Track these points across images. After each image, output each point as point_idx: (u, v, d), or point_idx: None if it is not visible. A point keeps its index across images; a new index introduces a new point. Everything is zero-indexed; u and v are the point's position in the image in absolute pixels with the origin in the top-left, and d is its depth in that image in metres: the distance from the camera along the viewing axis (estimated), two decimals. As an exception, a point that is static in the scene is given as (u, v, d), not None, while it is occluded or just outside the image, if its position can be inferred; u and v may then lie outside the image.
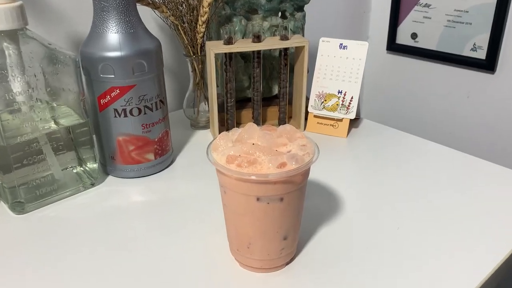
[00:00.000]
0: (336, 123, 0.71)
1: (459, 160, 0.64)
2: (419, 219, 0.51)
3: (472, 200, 0.54)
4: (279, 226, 0.41)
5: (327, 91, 0.71)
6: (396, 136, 0.71)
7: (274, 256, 0.43)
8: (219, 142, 0.42)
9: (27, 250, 0.47)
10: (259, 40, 0.66)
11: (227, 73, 0.67)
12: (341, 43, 0.71)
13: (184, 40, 0.68)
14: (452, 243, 0.47)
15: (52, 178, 0.55)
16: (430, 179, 0.59)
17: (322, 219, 0.51)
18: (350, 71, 0.70)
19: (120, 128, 0.57)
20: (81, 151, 0.57)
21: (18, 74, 0.49)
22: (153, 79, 0.56)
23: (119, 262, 0.45)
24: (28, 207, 0.53)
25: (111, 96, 0.55)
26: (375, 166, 0.63)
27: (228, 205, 0.42)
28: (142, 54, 0.54)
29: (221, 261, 0.45)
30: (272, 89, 0.77)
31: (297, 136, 0.43)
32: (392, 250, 0.46)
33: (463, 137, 1.10)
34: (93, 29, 0.54)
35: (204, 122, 0.74)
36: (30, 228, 0.51)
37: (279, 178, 0.38)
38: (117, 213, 0.53)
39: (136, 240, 0.48)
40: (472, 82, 1.06)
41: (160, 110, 0.59)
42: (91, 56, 0.53)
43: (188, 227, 0.50)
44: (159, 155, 0.60)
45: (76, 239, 0.49)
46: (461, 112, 1.10)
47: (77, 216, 0.53)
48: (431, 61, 1.12)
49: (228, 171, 0.38)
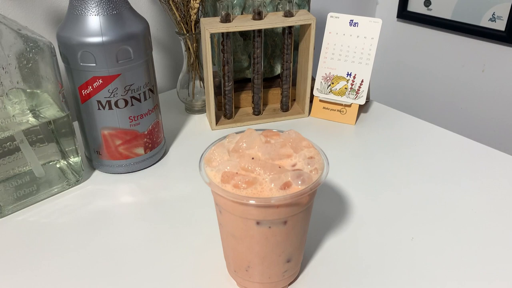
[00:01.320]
0: (344, 108, 0.65)
1: (476, 151, 0.58)
2: (436, 227, 0.46)
3: (494, 199, 0.49)
4: (282, 250, 0.36)
5: (335, 73, 0.65)
6: (408, 123, 0.65)
7: (275, 279, 0.38)
8: (214, 153, 0.36)
9: (5, 259, 0.42)
10: (260, 17, 0.59)
11: (225, 54, 0.61)
12: (352, 19, 0.63)
13: (176, 16, 0.61)
14: (474, 256, 0.42)
15: (31, 177, 0.49)
16: (446, 176, 0.54)
17: (329, 227, 0.46)
18: (361, 51, 0.63)
19: (104, 121, 0.51)
20: (63, 143, 0.51)
21: (-16, 65, 0.43)
22: (141, 66, 0.50)
23: (105, 276, 0.41)
24: (7, 211, 0.48)
25: (93, 87, 0.49)
26: (387, 159, 0.57)
27: (224, 225, 0.37)
28: (127, 39, 0.48)
29: (216, 281, 0.40)
30: (274, 69, 0.70)
31: (303, 145, 0.37)
32: (406, 265, 0.41)
33: (476, 113, 1.04)
34: (70, 11, 0.47)
35: (200, 106, 0.68)
36: (6, 235, 0.46)
37: (282, 202, 0.32)
38: (103, 218, 0.48)
39: (122, 251, 0.44)
40: (488, 55, 0.98)
41: (149, 100, 0.52)
42: (69, 41, 0.47)
43: (180, 237, 0.45)
44: (149, 149, 0.55)
45: (56, 248, 0.44)
46: (475, 87, 1.03)
47: (59, 221, 0.48)
48: (445, 31, 1.04)
49: (224, 193, 0.33)
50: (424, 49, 1.09)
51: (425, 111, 1.14)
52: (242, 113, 0.67)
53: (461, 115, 1.06)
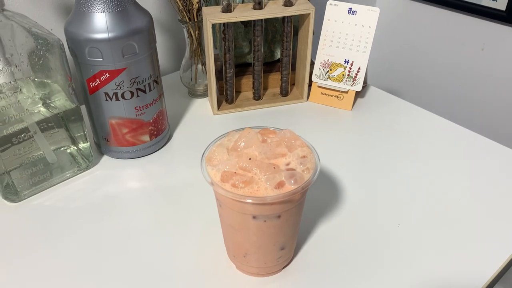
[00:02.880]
0: (341, 94, 0.67)
1: (469, 139, 0.61)
2: (424, 214, 0.50)
3: (486, 190, 0.52)
4: (276, 240, 0.40)
5: (333, 60, 0.67)
6: (403, 110, 0.68)
7: (270, 264, 0.42)
8: (214, 152, 0.39)
9: (22, 239, 0.47)
10: (260, 6, 0.61)
11: (226, 42, 0.63)
12: (350, 7, 0.65)
13: (179, 5, 0.62)
14: (458, 238, 0.46)
15: (45, 163, 0.53)
16: (439, 162, 0.57)
17: (321, 213, 0.50)
18: (358, 39, 0.65)
19: (112, 111, 0.54)
20: (72, 129, 0.55)
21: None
22: (145, 60, 0.52)
23: (113, 255, 0.45)
24: (23, 195, 0.52)
25: (101, 80, 0.51)
26: (380, 145, 0.60)
27: (223, 217, 0.40)
28: (132, 35, 0.50)
29: (218, 263, 0.45)
30: (274, 54, 0.72)
31: (297, 144, 0.40)
32: (392, 249, 0.45)
33: (474, 90, 1.06)
34: (77, 7, 0.49)
35: (202, 90, 0.71)
36: (24, 217, 0.50)
37: (276, 200, 0.36)
38: (112, 203, 0.52)
39: (129, 232, 0.48)
40: (488, 34, 0.99)
41: (154, 90, 0.55)
42: (76, 37, 0.49)
43: (184, 221, 0.49)
44: (154, 135, 0.58)
45: (70, 229, 0.48)
46: (473, 65, 1.04)
47: (72, 205, 0.52)
48: (445, 9, 1.04)
49: (223, 192, 0.36)
50: (424, 26, 1.10)
51: (423, 90, 1.16)
52: (243, 97, 0.70)
53: (459, 91, 1.08)
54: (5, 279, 0.43)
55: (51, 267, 0.44)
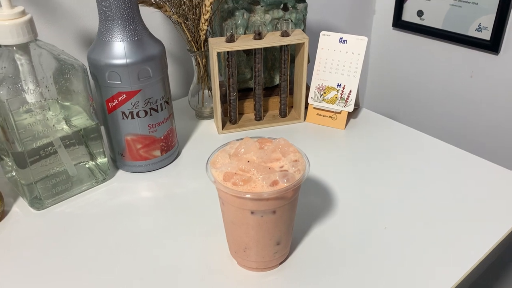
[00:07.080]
0: (335, 115, 0.74)
1: (457, 156, 0.67)
2: (408, 219, 0.55)
3: (465, 200, 0.58)
4: (272, 234, 0.45)
5: (327, 84, 0.74)
6: (393, 129, 0.74)
7: (268, 258, 0.47)
8: (218, 157, 0.45)
9: (47, 243, 0.52)
10: (260, 37, 0.68)
11: (229, 68, 0.70)
12: (341, 37, 0.72)
13: (188, 36, 0.70)
14: (440, 240, 0.51)
15: (66, 175, 0.59)
16: (423, 175, 0.62)
17: (316, 216, 0.55)
18: (349, 65, 0.72)
19: (128, 129, 0.60)
20: (91, 146, 0.61)
21: (30, 84, 0.52)
22: (158, 83, 0.59)
23: (127, 254, 0.50)
24: (47, 204, 0.58)
25: (118, 100, 0.58)
26: (370, 160, 0.66)
27: (225, 214, 0.46)
28: (147, 61, 0.57)
29: (221, 260, 0.50)
30: (274, 79, 0.79)
31: (290, 150, 0.46)
32: (379, 248, 0.50)
33: (464, 116, 1.12)
34: (99, 37, 0.57)
35: (208, 112, 0.77)
36: (47, 223, 0.56)
37: (271, 196, 0.41)
38: (126, 210, 0.58)
39: (142, 235, 0.53)
40: (476, 62, 1.06)
41: (165, 110, 0.62)
42: (98, 63, 0.56)
43: (190, 225, 0.55)
44: (165, 151, 0.64)
45: (88, 234, 0.54)
46: (463, 91, 1.11)
47: (90, 212, 0.57)
48: (436, 40, 1.12)
49: (225, 189, 0.42)
50: (416, 55, 1.17)
51: (417, 113, 1.22)
52: (245, 118, 0.77)
53: (450, 117, 1.14)
54: (31, 277, 0.49)
55: (70, 266, 0.50)
